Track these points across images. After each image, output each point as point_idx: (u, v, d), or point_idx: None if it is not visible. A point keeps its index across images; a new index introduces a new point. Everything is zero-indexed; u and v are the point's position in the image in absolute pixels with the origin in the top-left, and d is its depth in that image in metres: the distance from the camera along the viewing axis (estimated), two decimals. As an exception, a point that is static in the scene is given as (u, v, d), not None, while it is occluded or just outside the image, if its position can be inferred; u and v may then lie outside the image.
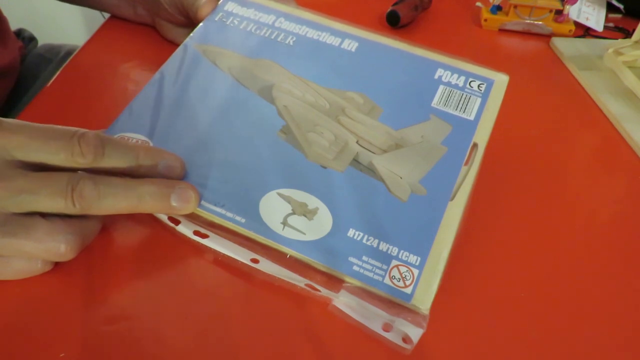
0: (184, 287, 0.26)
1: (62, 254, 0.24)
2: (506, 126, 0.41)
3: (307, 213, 0.27)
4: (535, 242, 0.31)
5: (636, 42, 0.49)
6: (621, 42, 0.50)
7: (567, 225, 0.33)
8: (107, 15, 0.50)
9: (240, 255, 0.27)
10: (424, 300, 0.25)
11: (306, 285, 0.26)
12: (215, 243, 0.27)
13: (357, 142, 0.30)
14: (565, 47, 0.52)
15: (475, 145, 0.29)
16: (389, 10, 0.51)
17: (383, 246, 0.26)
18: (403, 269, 0.25)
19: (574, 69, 0.49)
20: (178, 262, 0.28)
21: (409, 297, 0.25)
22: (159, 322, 0.25)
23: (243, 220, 0.27)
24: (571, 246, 0.31)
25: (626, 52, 0.48)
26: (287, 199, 0.28)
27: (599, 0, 0.58)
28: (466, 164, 0.29)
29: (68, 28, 1.26)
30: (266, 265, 0.26)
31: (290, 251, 0.26)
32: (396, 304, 0.25)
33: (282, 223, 0.27)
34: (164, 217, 0.28)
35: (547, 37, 0.54)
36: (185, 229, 0.27)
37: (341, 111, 0.31)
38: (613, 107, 0.43)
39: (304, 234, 0.27)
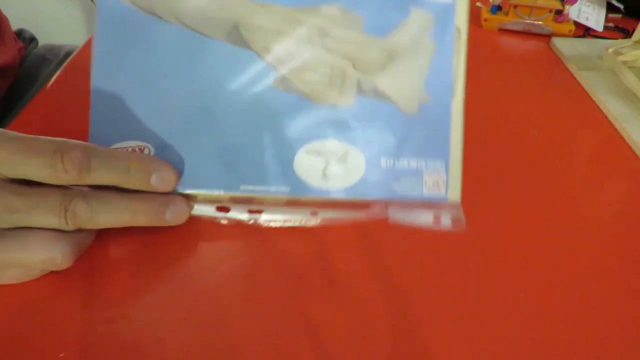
0: (184, 287, 0.26)
1: (58, 265, 0.25)
2: (506, 126, 0.41)
3: (340, 160, 0.28)
4: (534, 242, 0.31)
5: (636, 42, 0.49)
6: (621, 42, 0.50)
7: (567, 225, 0.33)
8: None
9: (298, 214, 0.28)
10: (454, 194, 0.29)
11: (365, 215, 0.29)
12: (270, 215, 0.28)
13: (353, 67, 0.29)
14: (565, 47, 0.52)
15: (458, 30, 0.29)
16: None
17: (412, 163, 0.28)
18: (434, 176, 0.28)
19: (574, 69, 0.49)
20: (178, 262, 0.28)
21: (445, 198, 0.29)
22: (159, 322, 0.25)
23: (287, 189, 0.28)
24: (571, 246, 0.31)
25: (626, 52, 0.48)
26: (317, 153, 0.28)
27: (599, 0, 0.58)
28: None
29: (68, 28, 1.26)
30: (325, 214, 0.28)
31: (341, 199, 0.28)
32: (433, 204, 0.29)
33: (323, 178, 0.28)
34: (210, 210, 0.28)
35: (547, 37, 0.54)
36: (238, 213, 0.28)
37: (324, 34, 0.28)
38: (613, 107, 0.43)
39: (346, 179, 0.28)
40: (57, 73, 0.41)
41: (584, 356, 0.26)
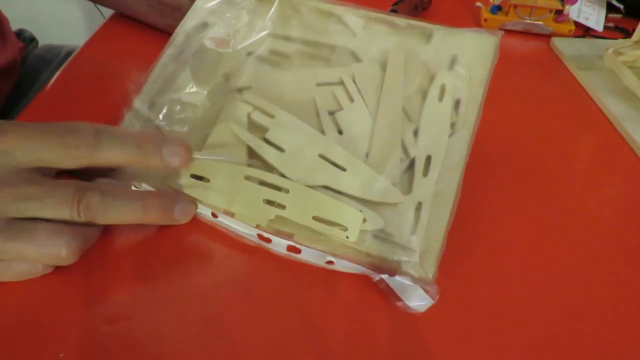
0: (184, 287, 0.26)
1: (63, 259, 0.25)
2: (506, 126, 0.41)
3: None
4: (535, 242, 0.31)
5: (636, 42, 0.49)
6: (621, 42, 0.50)
7: (567, 225, 0.33)
8: (107, 15, 0.50)
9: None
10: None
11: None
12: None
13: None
14: (565, 47, 0.52)
15: None
16: (388, 10, 0.51)
17: None
18: None
19: (574, 69, 0.49)
20: (178, 261, 0.28)
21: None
22: (159, 322, 0.25)
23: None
24: (571, 246, 0.31)
25: (626, 52, 0.48)
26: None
27: (599, 0, 0.58)
28: None
29: (68, 28, 1.26)
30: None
31: None
32: None
33: None
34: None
35: (547, 37, 0.54)
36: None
37: None
38: (613, 107, 0.43)
39: None
40: (58, 73, 0.41)
41: (584, 355, 0.26)
